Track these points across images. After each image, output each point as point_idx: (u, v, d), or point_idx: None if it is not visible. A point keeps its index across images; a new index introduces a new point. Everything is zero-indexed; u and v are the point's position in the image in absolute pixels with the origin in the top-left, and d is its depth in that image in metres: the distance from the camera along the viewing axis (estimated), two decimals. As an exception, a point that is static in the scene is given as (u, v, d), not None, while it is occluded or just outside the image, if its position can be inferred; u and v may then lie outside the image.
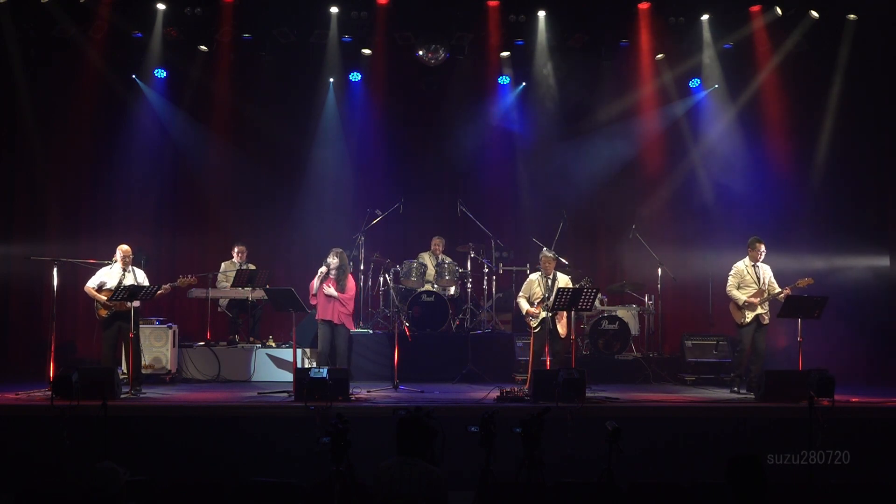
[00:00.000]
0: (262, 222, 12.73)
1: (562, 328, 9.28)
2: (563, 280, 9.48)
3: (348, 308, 9.74)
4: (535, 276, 9.59)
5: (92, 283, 9.22)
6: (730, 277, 9.62)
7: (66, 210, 12.23)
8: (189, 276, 9.84)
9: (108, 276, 9.23)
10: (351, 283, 9.79)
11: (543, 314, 9.25)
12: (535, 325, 9.35)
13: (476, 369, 10.55)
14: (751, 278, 9.49)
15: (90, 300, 9.44)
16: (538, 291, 9.40)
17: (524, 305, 9.46)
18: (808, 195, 12.41)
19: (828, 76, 12.15)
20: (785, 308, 9.11)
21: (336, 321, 9.60)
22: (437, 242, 11.77)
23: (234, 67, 12.39)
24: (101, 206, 12.44)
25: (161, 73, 12.22)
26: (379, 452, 5.19)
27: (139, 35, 11.85)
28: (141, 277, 9.36)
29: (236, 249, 11.35)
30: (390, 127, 12.89)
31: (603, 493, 5.62)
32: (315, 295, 9.59)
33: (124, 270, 9.26)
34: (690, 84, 12.81)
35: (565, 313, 9.19)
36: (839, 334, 11.47)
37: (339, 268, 9.61)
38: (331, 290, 9.55)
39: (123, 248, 9.32)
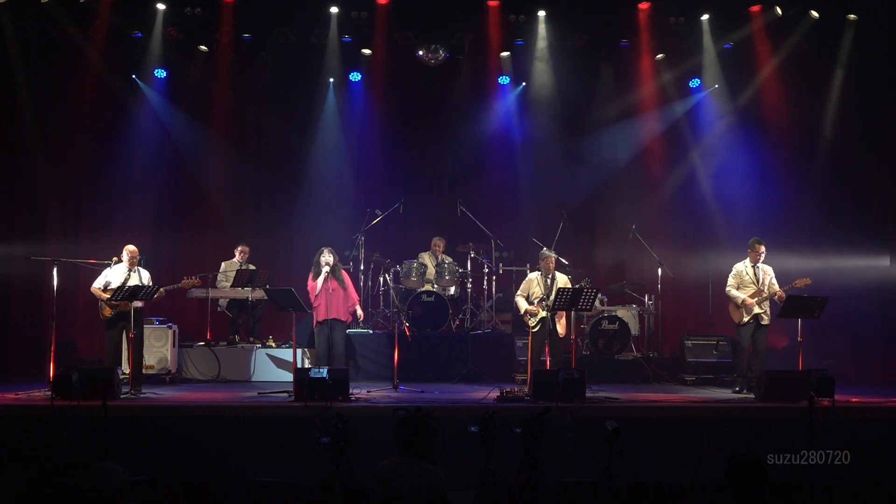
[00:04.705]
0: (262, 222, 12.74)
1: (561, 328, 9.29)
2: (562, 280, 9.48)
3: (355, 297, 9.93)
4: (534, 276, 9.59)
5: (98, 284, 9.21)
6: (730, 278, 9.65)
7: (66, 210, 12.22)
8: (193, 277, 9.85)
9: (114, 275, 9.21)
10: (346, 275, 10.00)
11: (543, 313, 9.25)
12: (533, 325, 9.35)
13: (476, 369, 10.54)
14: (750, 279, 9.49)
15: (90, 300, 9.44)
16: (537, 291, 9.40)
17: (522, 304, 9.45)
18: (807, 195, 12.42)
19: (828, 76, 12.16)
20: (785, 308, 9.11)
21: (343, 319, 9.71)
22: (437, 242, 11.77)
23: (234, 67, 12.38)
24: (101, 206, 12.44)
25: (161, 73, 12.21)
26: (379, 452, 5.18)
27: (139, 35, 11.84)
28: (146, 278, 9.34)
29: (239, 249, 11.35)
30: (390, 127, 12.88)
31: (603, 493, 5.61)
32: (317, 296, 9.61)
33: (130, 270, 9.25)
34: (690, 84, 12.80)
35: (564, 313, 9.20)
36: (839, 334, 11.47)
37: (336, 265, 9.73)
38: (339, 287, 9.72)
39: (130, 249, 9.29)
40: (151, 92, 12.31)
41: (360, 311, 10.09)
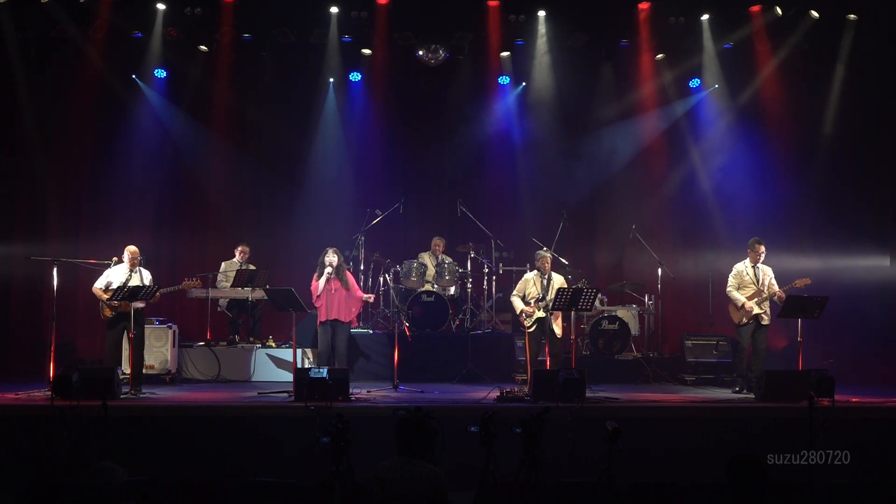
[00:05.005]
0: (262, 222, 12.74)
1: (557, 328, 9.28)
2: (559, 280, 9.48)
3: (360, 294, 9.97)
4: (530, 275, 9.58)
5: (99, 284, 9.20)
6: (730, 278, 9.64)
7: (66, 210, 12.22)
8: (193, 279, 9.84)
9: (115, 276, 9.21)
10: (350, 277, 9.97)
11: (540, 313, 9.24)
12: (529, 325, 9.35)
13: (476, 369, 10.54)
14: (750, 279, 9.49)
15: (90, 300, 9.44)
16: (533, 290, 9.39)
17: (518, 304, 9.44)
18: (807, 195, 12.41)
19: (828, 76, 12.16)
20: (785, 308, 9.11)
21: (344, 319, 9.70)
22: (437, 242, 11.77)
23: (234, 67, 12.38)
24: (101, 206, 12.43)
25: (161, 73, 12.22)
26: (379, 452, 5.19)
27: (139, 35, 11.85)
28: (147, 278, 9.34)
29: (239, 249, 11.34)
30: (390, 127, 12.88)
31: (603, 493, 5.61)
32: (319, 296, 9.62)
33: (131, 271, 9.25)
34: (690, 84, 12.80)
35: (561, 313, 9.19)
36: (839, 334, 11.47)
37: (340, 266, 9.70)
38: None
39: (131, 249, 9.29)
40: (151, 92, 12.31)
41: (368, 296, 10.17)
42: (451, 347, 10.94)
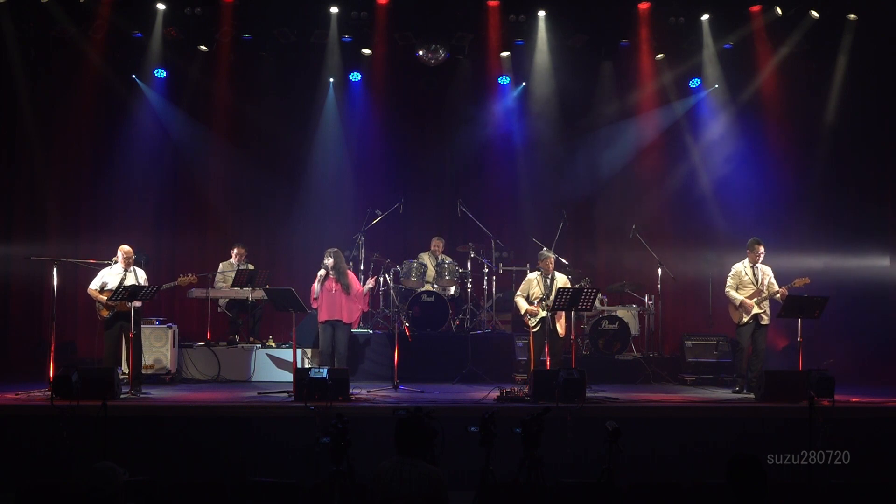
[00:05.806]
0: (262, 222, 12.77)
1: (560, 328, 9.29)
2: (562, 280, 9.48)
3: (363, 304, 9.90)
4: (533, 276, 9.58)
5: (94, 285, 9.21)
6: (728, 278, 9.64)
7: (66, 210, 12.22)
8: (189, 274, 9.84)
9: (110, 276, 9.22)
10: (353, 279, 9.86)
11: (543, 313, 9.25)
12: (533, 325, 9.35)
13: (476, 369, 10.54)
14: (749, 279, 9.49)
15: (90, 300, 9.44)
16: (537, 291, 9.39)
17: (522, 304, 9.45)
18: (808, 195, 12.42)
19: (828, 76, 12.16)
20: (785, 308, 9.11)
21: (345, 320, 9.65)
22: (437, 243, 11.77)
23: (234, 67, 12.40)
24: (101, 206, 12.44)
25: (161, 73, 12.22)
26: (379, 452, 5.19)
27: (139, 35, 11.85)
28: (142, 278, 9.34)
29: (235, 251, 11.32)
30: (390, 127, 12.89)
31: (603, 494, 5.61)
32: (316, 298, 9.61)
33: (125, 271, 9.25)
34: (690, 84, 12.81)
35: (563, 313, 9.19)
36: (839, 334, 11.47)
37: (336, 268, 9.64)
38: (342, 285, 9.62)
39: (125, 249, 9.30)
40: (151, 92, 12.31)
41: (369, 283, 10.10)
42: (451, 347, 10.94)
